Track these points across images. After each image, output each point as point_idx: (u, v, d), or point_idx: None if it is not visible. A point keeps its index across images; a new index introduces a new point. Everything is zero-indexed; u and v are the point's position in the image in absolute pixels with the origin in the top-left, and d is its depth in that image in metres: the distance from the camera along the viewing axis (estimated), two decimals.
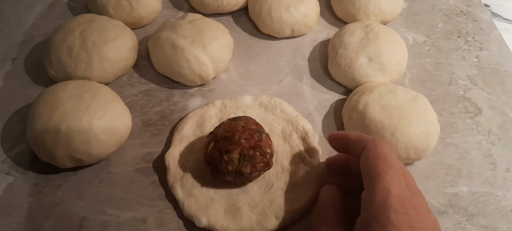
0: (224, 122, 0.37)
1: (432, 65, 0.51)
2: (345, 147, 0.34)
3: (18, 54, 0.50)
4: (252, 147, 0.34)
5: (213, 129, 0.38)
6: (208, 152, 0.36)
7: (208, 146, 0.36)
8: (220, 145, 0.35)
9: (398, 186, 0.28)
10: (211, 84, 0.48)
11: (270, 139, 0.37)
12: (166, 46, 0.45)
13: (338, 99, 0.47)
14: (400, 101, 0.41)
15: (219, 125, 0.37)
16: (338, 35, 0.49)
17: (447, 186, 0.40)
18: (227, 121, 0.37)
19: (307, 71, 0.50)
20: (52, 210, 0.38)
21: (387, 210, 0.26)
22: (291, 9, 0.50)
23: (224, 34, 0.48)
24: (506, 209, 0.39)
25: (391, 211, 0.26)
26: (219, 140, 0.35)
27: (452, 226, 0.38)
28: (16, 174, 0.40)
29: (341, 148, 0.35)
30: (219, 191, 0.38)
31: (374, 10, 0.51)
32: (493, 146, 0.43)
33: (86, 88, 0.41)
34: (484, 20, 0.56)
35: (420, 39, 0.54)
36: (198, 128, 0.42)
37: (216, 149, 0.35)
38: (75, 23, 0.46)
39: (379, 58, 0.45)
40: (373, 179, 0.29)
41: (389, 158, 0.29)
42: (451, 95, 0.48)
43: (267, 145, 0.35)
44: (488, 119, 0.46)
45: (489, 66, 0.51)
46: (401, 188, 0.28)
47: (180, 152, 0.40)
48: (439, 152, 0.43)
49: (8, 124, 0.44)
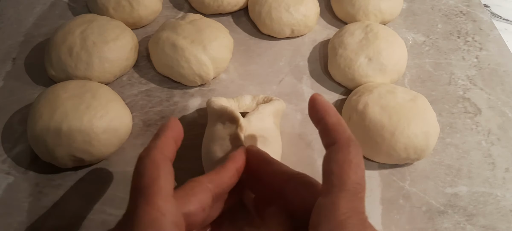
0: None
1: (432, 66, 0.51)
2: (317, 121, 0.29)
3: (18, 54, 0.50)
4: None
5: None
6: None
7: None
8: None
9: (362, 205, 0.25)
10: (211, 85, 0.48)
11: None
12: (166, 47, 0.45)
13: (338, 99, 0.47)
14: (400, 102, 0.41)
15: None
16: (338, 36, 0.49)
17: (447, 186, 0.40)
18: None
19: (307, 72, 0.50)
20: (52, 210, 0.38)
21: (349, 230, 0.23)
22: (291, 10, 0.50)
23: (224, 34, 0.48)
24: (505, 209, 0.39)
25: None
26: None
27: (452, 226, 0.38)
28: (17, 174, 0.40)
29: (314, 117, 0.30)
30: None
31: (374, 10, 0.52)
32: (492, 146, 0.43)
33: (87, 88, 0.41)
34: (484, 20, 0.56)
35: (420, 40, 0.54)
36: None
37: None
38: (76, 23, 0.46)
39: (378, 58, 0.45)
40: (338, 189, 0.25)
41: (360, 169, 0.26)
42: (451, 95, 0.48)
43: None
44: (488, 119, 0.46)
45: (488, 66, 0.51)
46: (362, 208, 0.25)
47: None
48: (438, 152, 0.43)
49: (8, 123, 0.44)
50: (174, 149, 0.28)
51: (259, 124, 0.38)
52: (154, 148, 0.27)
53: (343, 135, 0.27)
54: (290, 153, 0.42)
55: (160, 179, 0.25)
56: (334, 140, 0.27)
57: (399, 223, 0.38)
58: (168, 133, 0.28)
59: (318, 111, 0.29)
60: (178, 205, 0.25)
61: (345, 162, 0.26)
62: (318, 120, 0.29)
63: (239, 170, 0.31)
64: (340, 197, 0.24)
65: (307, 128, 0.44)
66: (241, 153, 0.32)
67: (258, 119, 0.38)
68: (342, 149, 0.26)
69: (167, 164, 0.27)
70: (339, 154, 0.26)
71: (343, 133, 0.27)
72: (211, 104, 0.39)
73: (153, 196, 0.24)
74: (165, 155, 0.27)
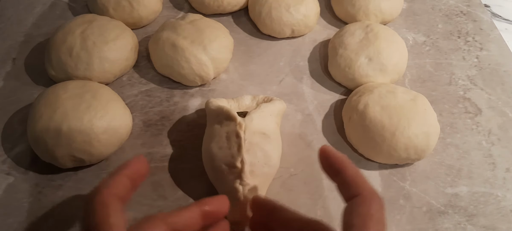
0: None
1: (432, 66, 0.51)
2: (334, 174, 0.29)
3: (18, 54, 0.50)
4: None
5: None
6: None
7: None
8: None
9: None
10: (211, 85, 0.48)
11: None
12: (166, 47, 0.45)
13: (338, 99, 0.47)
14: (400, 102, 0.41)
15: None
16: (338, 36, 0.49)
17: (447, 186, 0.40)
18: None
19: (307, 72, 0.50)
20: (52, 210, 0.38)
21: None
22: (291, 10, 0.50)
23: (224, 34, 0.48)
24: (506, 209, 0.39)
25: None
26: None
27: (452, 226, 0.38)
28: (17, 174, 0.40)
29: (330, 171, 0.30)
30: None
31: (374, 10, 0.52)
32: (493, 146, 0.43)
33: (87, 88, 0.41)
34: (484, 20, 0.56)
35: (420, 40, 0.54)
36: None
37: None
38: (76, 23, 0.46)
39: (379, 58, 0.45)
40: None
41: (381, 224, 0.26)
42: (451, 95, 0.48)
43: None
44: (488, 119, 0.46)
45: (489, 66, 0.51)
46: None
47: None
48: (439, 152, 0.43)
49: (8, 124, 0.44)
50: (128, 187, 0.28)
51: (260, 122, 0.38)
52: (103, 188, 0.26)
53: (365, 188, 0.27)
54: (290, 153, 0.42)
55: (110, 217, 0.25)
56: (356, 192, 0.27)
57: (400, 224, 0.38)
58: (124, 171, 0.28)
59: (334, 164, 0.29)
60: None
61: (367, 216, 0.25)
62: (335, 173, 0.29)
63: (209, 215, 0.29)
64: None
65: (307, 128, 0.44)
66: (212, 199, 0.30)
67: (259, 117, 0.38)
68: (365, 202, 0.26)
69: (116, 202, 0.26)
70: (361, 207, 0.26)
71: (365, 185, 0.27)
72: (209, 105, 0.40)
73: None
74: (114, 194, 0.26)
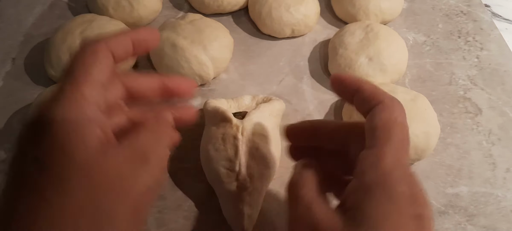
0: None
1: (432, 66, 0.51)
2: (350, 95, 0.28)
3: (18, 54, 0.50)
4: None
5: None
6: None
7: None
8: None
9: (406, 159, 0.25)
10: (211, 85, 0.48)
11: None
12: (166, 46, 0.45)
13: (338, 99, 0.47)
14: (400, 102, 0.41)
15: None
16: (338, 35, 0.49)
17: (448, 186, 0.40)
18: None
19: (307, 72, 0.50)
20: None
21: (395, 180, 0.24)
22: (291, 10, 0.50)
23: (224, 34, 0.48)
24: (506, 209, 0.39)
25: (399, 182, 0.24)
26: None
27: (453, 226, 0.38)
28: None
29: (346, 94, 0.29)
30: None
31: (374, 10, 0.51)
32: (493, 146, 0.43)
33: None
34: (485, 20, 0.56)
35: (420, 39, 0.54)
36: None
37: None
38: (75, 23, 0.46)
39: (379, 58, 0.45)
40: (383, 142, 0.25)
41: (405, 127, 0.26)
42: (451, 95, 0.48)
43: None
44: (489, 119, 0.45)
45: (489, 66, 0.51)
46: (407, 161, 0.25)
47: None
48: (439, 152, 0.43)
49: (8, 124, 0.44)
50: (128, 49, 0.26)
51: (260, 122, 0.38)
52: (101, 40, 0.25)
53: (386, 96, 0.26)
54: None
55: (92, 67, 0.24)
56: (377, 101, 0.26)
57: None
58: (130, 33, 0.27)
59: (350, 85, 0.28)
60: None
61: (390, 120, 0.25)
62: (353, 93, 0.28)
63: (168, 90, 0.30)
64: (385, 150, 0.24)
65: None
66: (178, 77, 0.31)
67: (259, 118, 0.38)
68: (387, 108, 0.26)
69: (107, 56, 0.25)
70: (383, 112, 0.25)
71: (385, 94, 0.27)
72: (206, 106, 0.40)
73: (81, 83, 0.23)
74: (110, 48, 0.25)
